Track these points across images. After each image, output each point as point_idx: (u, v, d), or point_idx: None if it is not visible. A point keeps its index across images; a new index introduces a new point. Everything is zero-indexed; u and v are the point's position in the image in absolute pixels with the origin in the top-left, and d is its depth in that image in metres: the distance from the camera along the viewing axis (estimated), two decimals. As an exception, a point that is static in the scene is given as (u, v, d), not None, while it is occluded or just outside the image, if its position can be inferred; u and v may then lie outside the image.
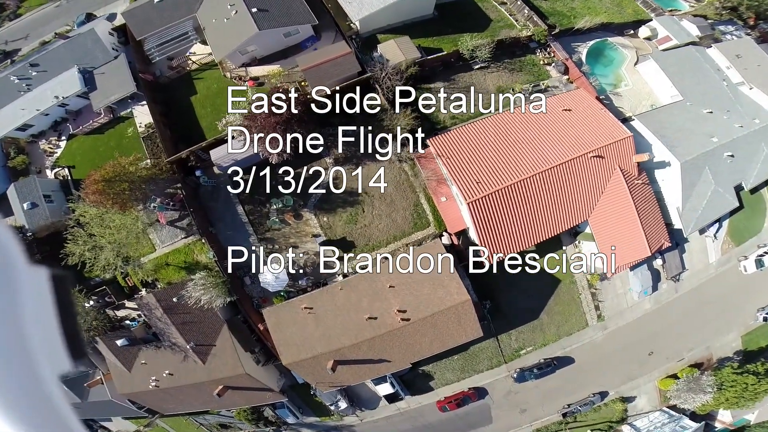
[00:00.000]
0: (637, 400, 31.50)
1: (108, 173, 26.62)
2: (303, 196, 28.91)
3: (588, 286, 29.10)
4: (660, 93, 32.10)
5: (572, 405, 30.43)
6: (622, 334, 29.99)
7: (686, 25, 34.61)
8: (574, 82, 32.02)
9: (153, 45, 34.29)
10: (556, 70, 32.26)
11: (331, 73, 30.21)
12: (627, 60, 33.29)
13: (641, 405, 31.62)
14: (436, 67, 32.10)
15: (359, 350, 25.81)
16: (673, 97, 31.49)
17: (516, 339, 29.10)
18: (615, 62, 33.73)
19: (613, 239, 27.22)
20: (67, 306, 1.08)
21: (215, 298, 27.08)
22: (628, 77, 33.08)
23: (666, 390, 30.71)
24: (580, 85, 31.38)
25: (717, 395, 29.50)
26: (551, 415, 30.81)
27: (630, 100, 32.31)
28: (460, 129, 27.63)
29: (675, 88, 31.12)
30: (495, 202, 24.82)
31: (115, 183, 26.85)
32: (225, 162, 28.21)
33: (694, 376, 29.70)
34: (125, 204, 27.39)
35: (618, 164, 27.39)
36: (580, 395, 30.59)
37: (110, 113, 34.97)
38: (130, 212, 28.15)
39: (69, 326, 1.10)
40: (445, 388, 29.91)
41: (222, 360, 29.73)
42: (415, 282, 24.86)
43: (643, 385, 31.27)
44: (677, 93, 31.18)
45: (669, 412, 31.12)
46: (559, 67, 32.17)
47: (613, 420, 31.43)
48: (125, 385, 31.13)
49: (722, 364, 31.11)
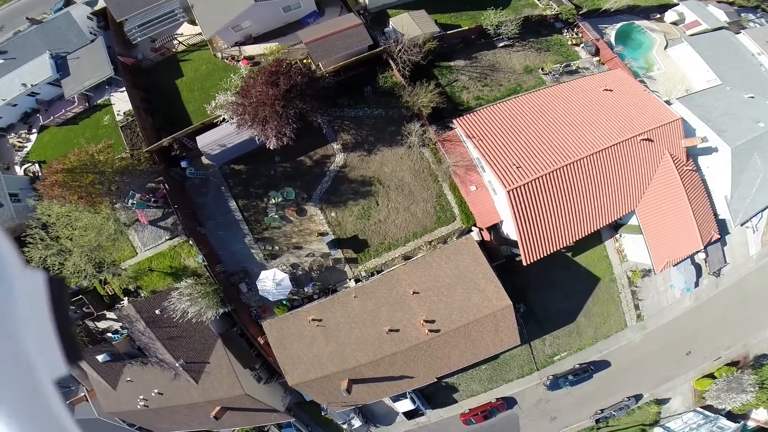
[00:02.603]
0: (671, 402, 27.17)
1: (71, 163, 20.31)
2: (307, 188, 23.13)
3: (629, 283, 24.30)
4: (694, 77, 27.79)
5: (605, 410, 25.88)
6: (661, 333, 25.40)
7: (713, 10, 30.58)
8: (606, 64, 27.15)
9: (134, 25, 27.79)
10: (585, 51, 27.38)
11: (338, 47, 24.18)
12: (657, 44, 29.06)
13: (675, 406, 27.30)
14: (456, 44, 26.46)
15: (378, 368, 20.46)
16: (710, 81, 27.02)
17: (550, 344, 24.19)
18: (644, 46, 29.50)
19: (663, 231, 22.36)
20: (62, 309, 1.02)
21: (205, 309, 21.20)
22: (659, 61, 28.55)
23: (703, 390, 26.44)
24: (613, 66, 26.45)
25: (759, 394, 25.49)
26: (583, 422, 26.25)
27: (665, 84, 27.80)
28: (492, 108, 22.08)
29: (712, 72, 26.88)
30: (537, 191, 19.56)
31: (81, 174, 20.59)
32: (214, 149, 22.10)
33: (734, 375, 25.51)
34: (93, 200, 21.14)
35: (667, 149, 22.52)
36: (614, 399, 26.01)
37: (85, 101, 28.36)
38: (101, 210, 21.88)
39: (64, 329, 1.00)
40: (470, 400, 24.92)
41: (218, 379, 23.96)
42: (443, 286, 19.52)
43: (679, 386, 26.91)
44: (715, 77, 26.84)
45: (703, 413, 26.88)
46: (589, 48, 27.25)
47: (645, 423, 27.09)
48: (111, 404, 25.24)
49: (759, 362, 27.01)
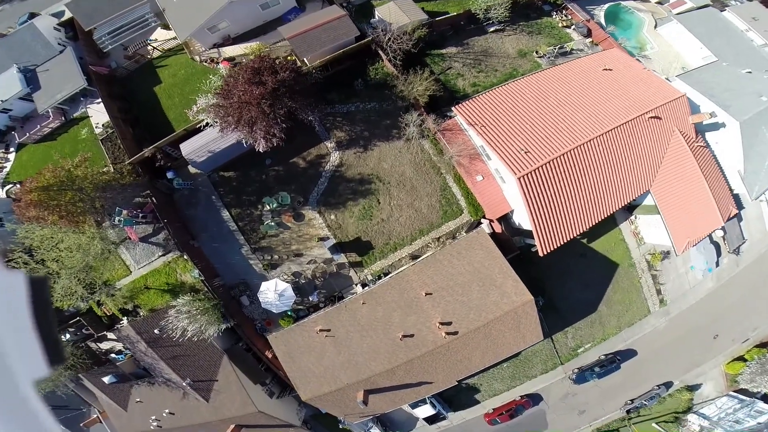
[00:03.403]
0: (702, 388, 25.41)
1: (47, 180, 18.49)
2: (302, 191, 21.33)
3: (648, 267, 22.55)
4: (688, 55, 26.70)
5: (636, 400, 24.13)
6: (685, 318, 23.65)
7: (696, -13, 29.35)
8: (599, 45, 25.70)
9: (103, 33, 26.02)
10: (577, 32, 26.09)
11: (323, 40, 22.39)
12: (646, 23, 28.03)
13: (707, 392, 25.54)
14: (445, 32, 24.91)
15: (394, 376, 18.68)
16: (705, 58, 25.94)
17: (573, 337, 22.43)
18: (634, 26, 28.48)
19: (681, 210, 20.63)
20: (43, 310, 0.97)
21: (206, 326, 19.46)
22: (651, 40, 27.49)
23: (735, 374, 24.71)
24: (607, 47, 25.03)
25: (794, 374, 23.69)
26: (612, 413, 24.49)
27: (660, 63, 26.63)
28: (492, 93, 20.31)
29: (706, 49, 25.88)
30: (548, 176, 17.80)
31: (58, 192, 18.77)
32: (200, 156, 20.29)
33: (766, 356, 23.79)
34: (75, 218, 19.31)
35: (676, 126, 20.91)
36: (643, 389, 24.24)
37: (61, 115, 26.56)
38: (84, 229, 20.05)
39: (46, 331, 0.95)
40: (493, 400, 23.15)
41: (228, 396, 22.36)
42: (458, 285, 17.74)
43: (709, 371, 25.14)
44: (709, 54, 25.81)
45: (738, 397, 25.12)
46: (581, 29, 25.92)
47: (678, 410, 25.35)
48: (124, 426, 23.98)
49: (789, 339, 25.29)
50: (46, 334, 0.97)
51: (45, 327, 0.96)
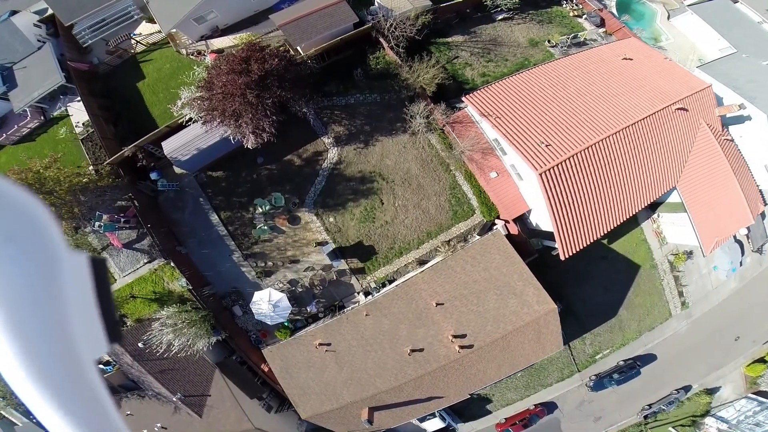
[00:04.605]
0: (721, 390, 23.56)
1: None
2: (298, 192, 18.89)
3: (671, 268, 20.42)
4: (704, 46, 24.72)
5: (654, 405, 22.24)
6: (707, 320, 21.62)
7: (708, -22, 27.28)
8: (613, 35, 23.42)
9: (84, 27, 23.42)
10: (590, 22, 23.85)
11: (318, 27, 19.78)
12: (658, 14, 26.04)
13: (726, 395, 23.69)
14: (450, 19, 22.49)
15: (401, 393, 16.50)
16: (722, 50, 23.87)
17: (591, 343, 20.32)
18: (646, 17, 26.48)
19: (709, 208, 18.43)
20: (104, 290, 0.96)
21: (194, 340, 17.20)
22: (666, 31, 25.50)
23: (755, 376, 22.85)
24: (622, 37, 22.74)
25: (816, 376, 21.89)
26: (629, 418, 22.59)
27: (677, 54, 24.57)
28: (506, 82, 17.82)
29: (724, 41, 23.81)
30: (571, 172, 15.48)
31: (26, 198, 16.22)
32: (184, 155, 17.74)
33: (789, 357, 21.94)
34: (47, 227, 16.84)
35: (702, 119, 18.68)
36: (662, 393, 22.36)
37: (40, 115, 23.91)
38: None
39: (106, 309, 0.96)
40: (505, 409, 21.13)
41: (222, 412, 20.31)
42: (472, 294, 15.48)
43: (729, 373, 23.28)
44: (727, 45, 23.70)
45: (757, 399, 23.31)
46: (593, 19, 23.65)
47: (696, 414, 23.50)
48: None
49: (810, 339, 23.38)
50: (107, 312, 0.95)
51: (106, 305, 0.96)
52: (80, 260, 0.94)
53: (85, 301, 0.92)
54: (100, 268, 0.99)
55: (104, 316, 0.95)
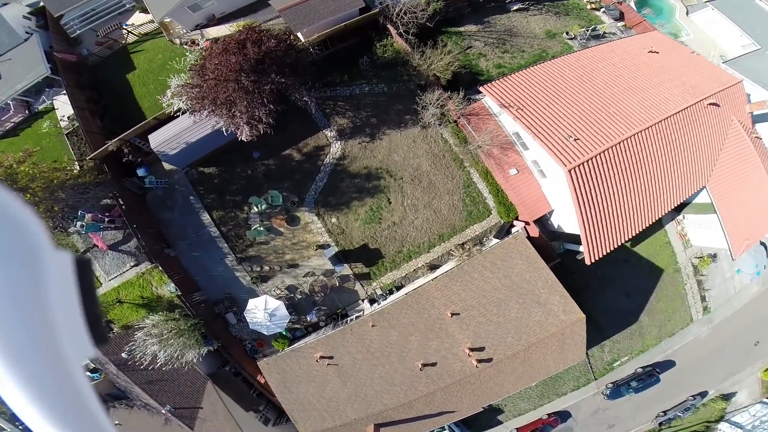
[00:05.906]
0: (737, 396, 22.08)
1: (-21, 180, 13.81)
2: (297, 190, 16.79)
3: (694, 273, 18.70)
4: (726, 43, 22.94)
5: (669, 411, 20.72)
6: (728, 325, 19.99)
7: (725, -27, 25.48)
8: (633, 29, 21.57)
9: (73, 17, 21.20)
10: (608, 15, 22.02)
11: (321, 12, 17.56)
12: (677, 9, 24.27)
13: (741, 400, 22.19)
14: (463, 8, 20.44)
15: (411, 409, 14.66)
16: (745, 47, 22.13)
17: (610, 350, 18.61)
18: (664, 12, 24.72)
19: (740, 209, 16.67)
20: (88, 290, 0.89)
21: (183, 351, 15.23)
22: (686, 26, 23.69)
23: (773, 382, 21.40)
24: (643, 30, 20.85)
25: (835, 382, 20.42)
26: (643, 425, 21.05)
27: (698, 50, 22.67)
28: (528, 72, 15.73)
29: (746, 37, 22.17)
30: (601, 169, 13.58)
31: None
32: (173, 149, 15.55)
33: (809, 362, 20.43)
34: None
35: (734, 115, 16.87)
36: (677, 399, 20.83)
37: (25, 108, 21.65)
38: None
39: (91, 310, 0.89)
40: (517, 420, 19.44)
41: (215, 426, 18.33)
42: (491, 303, 13.59)
43: (745, 378, 21.78)
44: (750, 42, 22.02)
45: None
46: (612, 12, 21.84)
47: (710, 420, 22.03)
48: None
49: (829, 342, 21.89)
50: (91, 313, 0.88)
51: (90, 306, 0.88)
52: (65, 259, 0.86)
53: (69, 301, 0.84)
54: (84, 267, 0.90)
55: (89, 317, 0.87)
